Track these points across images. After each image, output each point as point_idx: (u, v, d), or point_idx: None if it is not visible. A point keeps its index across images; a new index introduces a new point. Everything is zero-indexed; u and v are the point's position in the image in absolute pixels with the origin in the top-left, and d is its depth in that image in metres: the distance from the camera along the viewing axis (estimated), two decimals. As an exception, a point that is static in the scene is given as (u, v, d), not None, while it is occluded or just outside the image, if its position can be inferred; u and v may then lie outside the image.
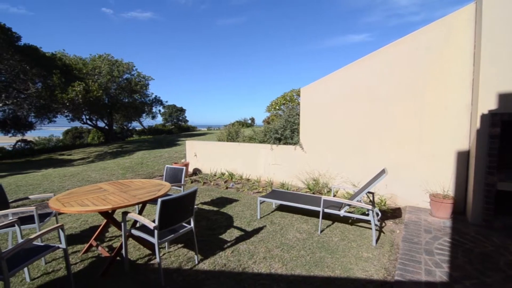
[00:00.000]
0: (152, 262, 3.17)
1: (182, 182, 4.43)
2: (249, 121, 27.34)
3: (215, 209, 5.00)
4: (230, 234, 3.88)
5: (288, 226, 4.16)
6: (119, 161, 10.63)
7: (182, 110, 38.46)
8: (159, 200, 2.63)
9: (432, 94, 4.58)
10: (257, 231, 3.99)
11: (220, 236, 3.82)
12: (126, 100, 20.62)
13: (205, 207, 5.15)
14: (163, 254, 3.31)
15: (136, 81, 20.36)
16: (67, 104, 12.59)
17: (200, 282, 2.78)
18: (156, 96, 23.58)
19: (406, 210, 4.63)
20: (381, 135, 5.08)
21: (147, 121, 26.23)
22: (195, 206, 3.27)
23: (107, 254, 3.31)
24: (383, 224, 4.23)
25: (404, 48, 4.77)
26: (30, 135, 20.70)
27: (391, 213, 4.61)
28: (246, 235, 3.84)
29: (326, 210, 3.94)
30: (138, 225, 3.51)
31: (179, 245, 3.55)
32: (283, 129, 6.78)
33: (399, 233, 3.86)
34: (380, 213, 4.10)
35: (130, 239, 3.54)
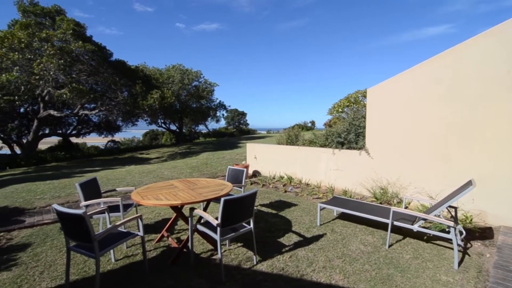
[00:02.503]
0: (214, 257, 3.34)
1: (243, 183, 4.56)
2: (309, 124, 26.81)
3: (274, 212, 5.01)
4: (289, 239, 3.83)
5: (351, 236, 3.89)
6: (187, 160, 11.61)
7: (243, 114, 40.01)
8: (222, 199, 2.75)
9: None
10: (316, 238, 3.84)
11: (278, 240, 3.80)
12: (194, 105, 22.45)
13: (264, 209, 5.20)
14: (224, 251, 3.46)
15: (203, 87, 22.01)
16: (147, 109, 14.36)
17: (258, 283, 2.80)
18: (220, 101, 25.09)
19: (499, 231, 3.85)
20: (467, 140, 4.36)
21: (212, 125, 28.12)
22: (255, 208, 3.33)
23: (176, 245, 3.62)
24: (468, 245, 3.60)
25: (502, 37, 4.01)
26: (118, 136, 24.31)
27: (480, 233, 3.89)
28: (305, 241, 3.74)
29: (396, 223, 3.56)
30: (202, 221, 3.75)
31: (239, 244, 3.66)
32: (347, 132, 6.41)
33: (490, 258, 3.23)
34: (464, 232, 3.50)
35: (195, 233, 3.80)
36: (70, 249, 2.74)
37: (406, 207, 4.43)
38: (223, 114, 27.20)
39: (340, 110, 9.20)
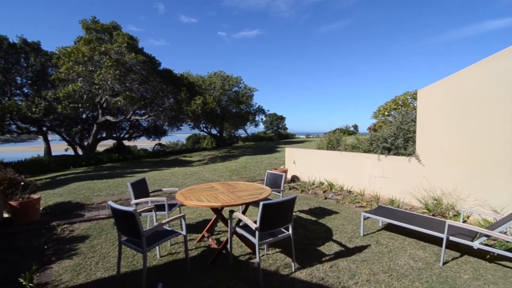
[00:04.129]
0: (252, 261, 3.34)
1: (281, 188, 4.52)
2: (352, 129, 25.65)
3: (313, 219, 4.86)
4: (329, 248, 3.67)
5: (399, 250, 3.59)
6: (227, 164, 11.91)
7: (282, 118, 39.90)
8: (261, 203, 2.75)
9: None
10: (359, 249, 3.62)
11: (318, 248, 3.67)
12: (234, 110, 23.03)
13: (303, 215, 5.08)
14: (262, 255, 3.44)
15: (243, 93, 22.49)
16: (190, 115, 15.12)
17: (297, 291, 2.72)
18: (259, 105, 25.37)
19: None
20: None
21: (251, 129, 28.52)
22: (293, 213, 3.27)
23: (215, 246, 3.70)
24: (546, 270, 3.08)
25: None
26: (164, 140, 25.99)
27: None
28: (347, 252, 3.55)
29: (452, 238, 3.20)
30: (241, 224, 3.79)
31: (277, 250, 3.61)
32: (394, 137, 5.98)
33: None
34: (540, 254, 3.01)
35: (234, 236, 3.85)
36: (122, 243, 2.97)
37: (464, 221, 3.97)
38: (262, 119, 27.44)
39: (386, 113, 8.65)
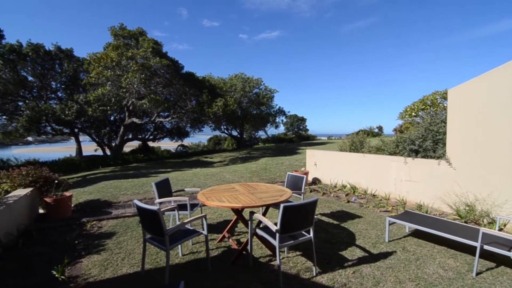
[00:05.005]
0: (272, 263, 3.32)
1: (302, 191, 4.46)
2: (376, 130, 24.81)
3: (335, 222, 4.74)
4: (352, 253, 3.56)
5: (427, 258, 3.41)
6: (247, 165, 11.97)
7: (303, 120, 39.48)
8: (282, 205, 2.72)
9: None
10: (384, 255, 3.48)
11: (340, 252, 3.57)
12: (255, 111, 23.13)
13: (324, 218, 4.98)
14: (282, 258, 3.41)
15: (264, 94, 22.53)
16: (211, 116, 15.40)
17: (318, 296, 2.67)
18: (280, 107, 25.29)
19: None
20: None
21: (271, 130, 28.48)
22: (315, 216, 3.20)
23: (236, 247, 3.72)
24: None
25: None
26: (186, 141, 26.64)
27: None
28: (371, 258, 3.42)
29: (486, 247, 2.98)
30: (262, 225, 3.78)
31: (297, 253, 3.56)
32: (422, 139, 5.70)
33: None
34: None
35: (254, 237, 3.85)
36: (146, 240, 3.07)
37: (500, 229, 3.69)
38: (282, 120, 27.34)
39: (413, 114, 8.26)
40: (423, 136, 5.75)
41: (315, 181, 8.13)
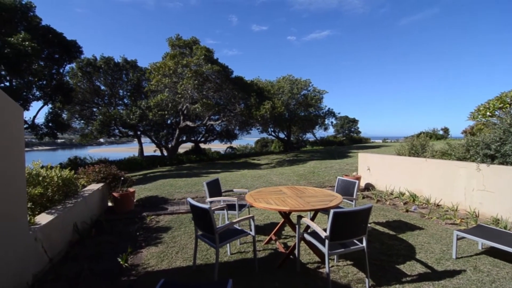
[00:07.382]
0: (320, 270, 3.19)
1: (354, 197, 4.21)
2: (441, 132, 22.14)
3: (391, 233, 4.36)
4: (411, 268, 3.22)
5: (506, 281, 2.90)
6: (294, 168, 11.81)
7: (354, 121, 37.52)
8: (332, 211, 2.60)
9: None
10: (451, 274, 3.07)
11: (397, 266, 3.26)
12: (303, 114, 22.76)
13: (379, 228, 4.62)
14: (332, 266, 3.25)
15: (312, 95, 22.04)
16: (259, 119, 15.63)
17: (372, 311, 2.47)
18: (329, 108, 24.45)
19: None
20: None
21: (320, 133, 27.66)
22: (368, 225, 2.98)
23: (283, 250, 3.68)
24: None
25: None
26: (235, 143, 27.52)
27: None
28: (434, 275, 3.05)
29: None
30: (309, 230, 3.67)
31: (348, 262, 3.36)
32: (500, 143, 4.91)
33: None
34: None
35: (302, 242, 3.76)
36: (198, 237, 3.23)
37: None
38: (331, 122, 26.36)
39: (488, 113, 7.17)
40: (501, 139, 4.95)
41: (368, 187, 7.62)
